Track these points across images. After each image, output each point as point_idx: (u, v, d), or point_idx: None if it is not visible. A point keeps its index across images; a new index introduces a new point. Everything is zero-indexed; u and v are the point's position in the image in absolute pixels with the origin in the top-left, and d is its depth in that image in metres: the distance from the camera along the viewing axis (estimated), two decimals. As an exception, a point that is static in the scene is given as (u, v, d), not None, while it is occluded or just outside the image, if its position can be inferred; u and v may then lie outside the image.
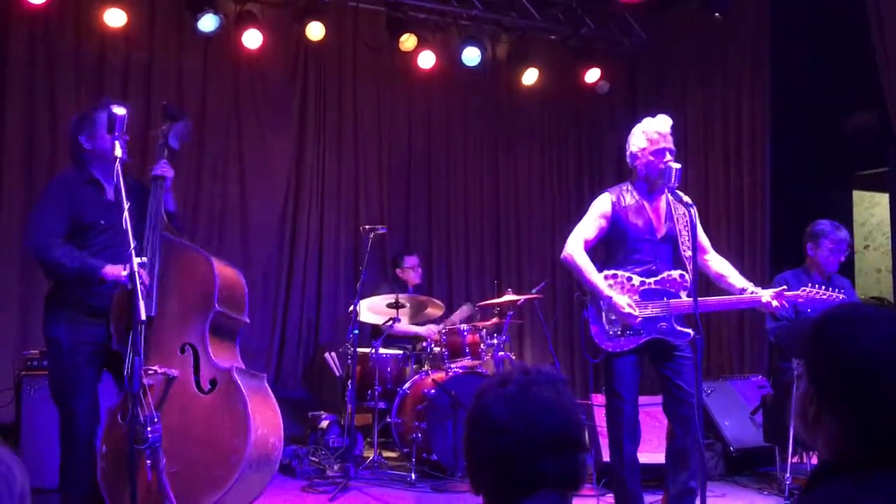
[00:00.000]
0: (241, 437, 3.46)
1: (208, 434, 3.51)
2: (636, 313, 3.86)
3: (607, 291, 3.89)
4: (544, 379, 1.54)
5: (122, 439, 3.43)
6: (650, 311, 3.90)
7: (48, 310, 3.73)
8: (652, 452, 4.78)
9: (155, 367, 3.54)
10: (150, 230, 3.73)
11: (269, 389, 3.83)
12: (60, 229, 3.64)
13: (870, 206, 8.82)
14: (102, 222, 3.73)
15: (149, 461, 3.36)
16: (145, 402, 3.41)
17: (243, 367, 3.81)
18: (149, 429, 3.34)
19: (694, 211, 3.80)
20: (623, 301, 3.87)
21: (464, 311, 6.54)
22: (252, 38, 6.53)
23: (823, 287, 3.95)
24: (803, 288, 3.93)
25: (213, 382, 3.59)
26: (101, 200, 3.78)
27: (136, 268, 3.12)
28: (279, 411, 3.79)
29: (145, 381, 3.44)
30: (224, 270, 3.85)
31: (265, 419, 3.61)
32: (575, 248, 4.00)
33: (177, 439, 3.47)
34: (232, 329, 3.89)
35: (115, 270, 3.56)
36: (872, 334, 1.44)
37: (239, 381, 3.56)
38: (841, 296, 3.97)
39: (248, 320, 3.96)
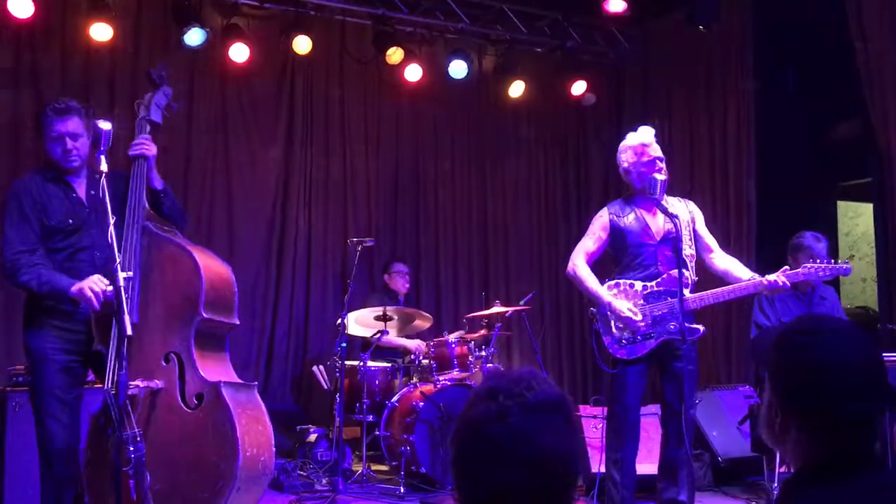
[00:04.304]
0: (228, 462, 3.23)
1: (195, 454, 3.29)
2: (637, 318, 3.92)
3: (606, 297, 4.00)
4: (546, 417, 1.35)
5: (106, 448, 3.22)
6: (657, 312, 3.95)
7: (25, 316, 3.52)
8: (640, 463, 4.77)
9: (137, 382, 3.28)
10: (129, 221, 3.41)
11: (260, 400, 3.55)
12: (27, 241, 3.42)
13: (854, 217, 8.89)
14: (71, 222, 3.49)
15: (132, 480, 3.14)
16: (128, 419, 3.18)
17: (232, 375, 3.54)
18: (131, 448, 3.12)
19: (683, 220, 3.89)
20: (623, 305, 3.95)
21: (457, 335, 6.49)
22: (239, 52, 6.54)
23: (825, 262, 3.92)
24: (804, 265, 3.89)
25: (200, 398, 3.34)
26: (69, 198, 3.53)
27: (121, 283, 3.04)
28: (269, 424, 3.53)
29: (129, 392, 3.17)
30: (210, 269, 3.50)
31: (255, 437, 3.37)
32: (577, 261, 4.16)
33: (162, 457, 3.27)
34: (221, 333, 3.60)
35: (83, 289, 3.26)
36: (824, 344, 1.51)
37: (226, 398, 3.30)
38: (846, 265, 3.87)
39: (237, 322, 3.62)
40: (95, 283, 3.28)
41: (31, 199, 3.48)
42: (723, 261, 4.14)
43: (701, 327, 3.88)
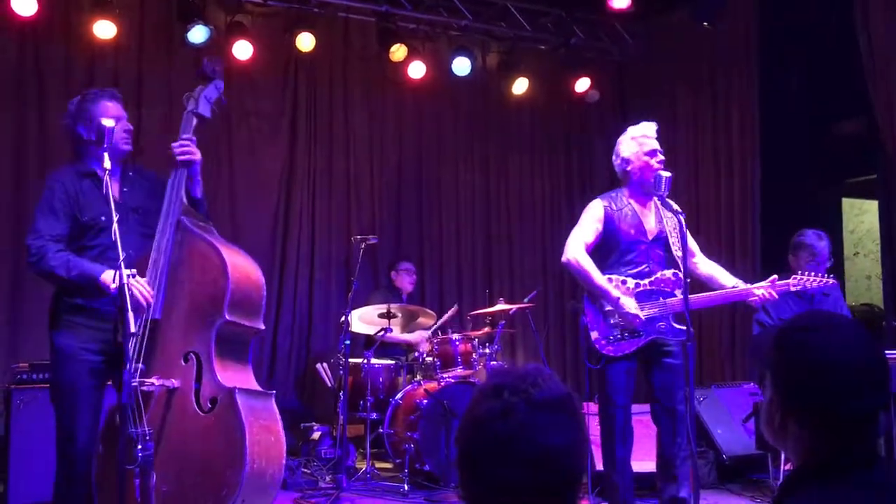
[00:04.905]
0: (234, 470, 3.13)
1: (203, 459, 3.20)
2: (642, 315, 3.89)
3: (615, 293, 3.91)
4: (551, 414, 1.34)
5: (116, 445, 3.15)
6: (647, 311, 3.93)
7: (51, 314, 3.44)
8: (642, 461, 4.76)
9: (153, 380, 3.21)
10: (165, 218, 3.35)
11: (275, 410, 3.42)
12: (54, 232, 3.36)
13: (859, 214, 8.86)
14: (104, 219, 3.37)
15: (137, 480, 3.07)
16: (139, 416, 3.12)
17: (251, 382, 3.44)
18: (139, 447, 3.04)
19: (682, 219, 3.84)
20: (631, 303, 3.89)
21: (450, 312, 6.48)
22: (242, 50, 6.54)
23: (813, 274, 3.94)
24: (794, 276, 3.93)
25: (214, 402, 3.23)
26: (103, 196, 3.36)
27: (125, 280, 3.02)
28: (283, 434, 3.42)
29: (144, 388, 3.15)
30: (238, 269, 3.36)
31: (265, 448, 3.25)
32: (577, 251, 4.01)
33: (172, 458, 3.19)
34: (243, 338, 3.46)
35: (129, 288, 3.15)
36: (825, 341, 1.51)
37: (239, 405, 3.19)
38: (832, 281, 3.99)
39: (262, 326, 3.50)
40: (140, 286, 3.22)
41: (64, 194, 3.42)
42: (706, 266, 4.14)
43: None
